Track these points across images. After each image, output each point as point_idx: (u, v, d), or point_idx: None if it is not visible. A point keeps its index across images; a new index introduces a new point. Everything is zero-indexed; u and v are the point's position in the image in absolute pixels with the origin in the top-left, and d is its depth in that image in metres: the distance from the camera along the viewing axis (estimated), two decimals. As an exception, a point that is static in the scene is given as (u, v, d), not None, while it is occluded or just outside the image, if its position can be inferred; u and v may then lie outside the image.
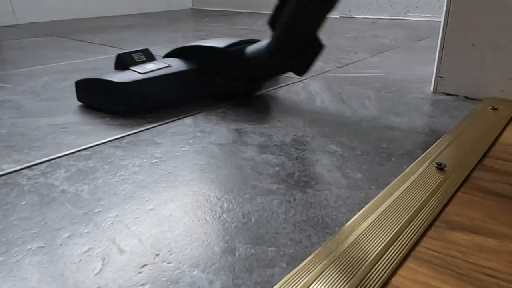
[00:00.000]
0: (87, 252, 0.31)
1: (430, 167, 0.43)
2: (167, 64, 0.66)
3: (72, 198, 0.39)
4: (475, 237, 0.32)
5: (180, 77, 0.65)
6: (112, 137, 0.54)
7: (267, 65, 0.64)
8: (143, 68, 0.64)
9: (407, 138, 0.52)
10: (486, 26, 0.64)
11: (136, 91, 0.61)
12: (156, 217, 0.36)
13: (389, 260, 0.29)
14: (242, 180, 0.42)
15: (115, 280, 0.28)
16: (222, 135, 0.54)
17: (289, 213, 0.36)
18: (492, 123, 0.55)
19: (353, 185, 0.41)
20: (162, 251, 0.31)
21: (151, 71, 0.63)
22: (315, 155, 0.48)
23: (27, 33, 1.53)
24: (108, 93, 0.63)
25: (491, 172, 0.43)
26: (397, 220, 0.34)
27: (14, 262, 0.30)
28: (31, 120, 0.61)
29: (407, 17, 1.85)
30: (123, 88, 0.60)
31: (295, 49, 0.61)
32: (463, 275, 0.28)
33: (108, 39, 1.38)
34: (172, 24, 1.77)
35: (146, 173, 0.44)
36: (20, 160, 0.47)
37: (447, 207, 0.36)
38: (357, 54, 1.06)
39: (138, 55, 0.66)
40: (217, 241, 0.32)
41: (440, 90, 0.71)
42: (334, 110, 0.63)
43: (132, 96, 0.61)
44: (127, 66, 0.64)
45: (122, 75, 0.62)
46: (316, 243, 0.32)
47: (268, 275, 0.29)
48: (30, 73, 0.91)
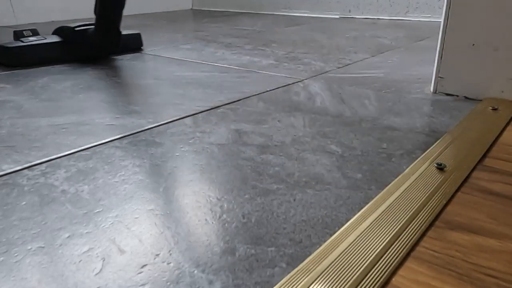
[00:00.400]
0: (87, 252, 0.31)
1: (430, 167, 0.43)
2: (43, 38, 1.03)
3: (72, 198, 0.39)
4: (475, 237, 0.32)
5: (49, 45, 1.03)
6: (112, 137, 0.54)
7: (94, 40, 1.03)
8: (27, 40, 1.01)
9: (407, 138, 0.52)
10: (486, 26, 0.64)
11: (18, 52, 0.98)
12: (156, 217, 0.36)
13: (389, 260, 0.29)
14: (242, 180, 0.42)
15: (115, 280, 0.28)
16: (222, 135, 0.54)
17: (289, 213, 0.36)
18: (492, 123, 0.55)
19: (353, 185, 0.41)
20: (162, 251, 0.31)
21: (31, 41, 1.00)
22: (315, 155, 0.48)
23: (27, 34, 1.53)
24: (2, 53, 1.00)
25: (491, 172, 0.43)
26: (397, 220, 0.34)
27: (14, 262, 0.30)
28: (31, 120, 0.61)
29: (407, 17, 1.85)
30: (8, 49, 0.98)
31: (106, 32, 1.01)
32: (463, 275, 0.28)
33: (108, 39, 1.37)
34: (172, 25, 1.77)
35: (146, 174, 0.44)
36: (20, 160, 0.48)
37: (447, 207, 0.36)
38: (357, 54, 1.06)
39: (27, 31, 1.04)
40: (217, 241, 0.32)
41: (440, 90, 0.71)
42: (334, 110, 0.63)
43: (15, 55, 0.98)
44: (18, 39, 1.01)
45: (12, 43, 1.00)
46: (316, 243, 0.32)
47: (268, 275, 0.29)
48: (30, 73, 0.91)
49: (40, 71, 0.94)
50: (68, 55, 1.05)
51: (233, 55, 1.08)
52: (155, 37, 1.42)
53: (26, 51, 0.99)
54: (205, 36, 1.42)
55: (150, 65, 0.98)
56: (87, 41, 1.03)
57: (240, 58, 1.04)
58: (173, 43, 1.28)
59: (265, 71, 0.89)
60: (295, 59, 1.01)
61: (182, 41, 1.32)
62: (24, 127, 0.58)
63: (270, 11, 2.29)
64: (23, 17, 1.83)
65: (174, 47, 1.21)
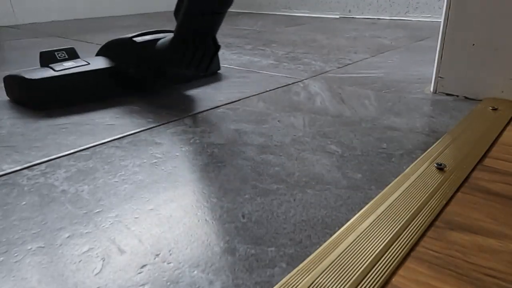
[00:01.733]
0: (87, 252, 0.31)
1: (430, 167, 0.43)
2: (86, 62, 0.70)
3: (72, 198, 0.39)
4: (475, 237, 0.32)
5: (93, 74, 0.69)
6: (112, 137, 0.54)
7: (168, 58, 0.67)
8: (60, 65, 0.68)
9: (407, 138, 0.52)
10: (486, 26, 0.64)
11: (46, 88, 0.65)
12: (156, 217, 0.36)
13: (389, 260, 0.29)
14: (242, 180, 0.42)
15: (115, 280, 0.28)
16: (222, 135, 0.54)
17: (289, 213, 0.36)
18: (492, 123, 0.55)
19: (353, 185, 0.41)
20: (162, 251, 0.31)
21: (66, 69, 0.67)
22: (315, 155, 0.48)
23: (27, 33, 1.53)
24: (23, 88, 0.66)
25: (491, 172, 0.43)
26: (397, 220, 0.34)
27: (14, 262, 0.30)
28: (31, 120, 0.61)
29: (407, 17, 1.85)
30: (32, 84, 0.64)
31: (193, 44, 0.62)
32: (463, 275, 0.28)
33: (108, 39, 1.37)
34: (172, 25, 1.77)
35: (146, 173, 0.44)
36: (20, 160, 0.47)
37: (447, 207, 0.36)
38: (357, 55, 1.06)
39: (60, 53, 0.71)
40: (217, 241, 0.32)
41: (440, 90, 0.71)
42: (334, 110, 0.63)
43: (41, 92, 0.65)
44: (48, 64, 0.69)
45: (37, 72, 0.66)
46: (316, 243, 0.32)
47: (268, 275, 0.29)
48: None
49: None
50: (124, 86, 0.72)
51: (233, 55, 1.08)
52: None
53: (59, 85, 0.65)
54: (205, 36, 1.41)
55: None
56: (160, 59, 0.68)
57: (240, 58, 1.04)
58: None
59: (265, 71, 0.89)
60: (295, 59, 1.01)
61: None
62: (24, 127, 0.58)
63: (270, 11, 2.29)
64: (23, 17, 1.83)
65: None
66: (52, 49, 0.71)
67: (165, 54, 0.67)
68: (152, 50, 0.69)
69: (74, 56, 0.72)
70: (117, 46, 0.74)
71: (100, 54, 0.76)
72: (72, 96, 0.67)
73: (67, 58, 0.71)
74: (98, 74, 0.69)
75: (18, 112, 0.64)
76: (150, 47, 0.70)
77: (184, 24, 0.61)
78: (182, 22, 0.61)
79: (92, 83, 0.69)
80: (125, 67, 0.71)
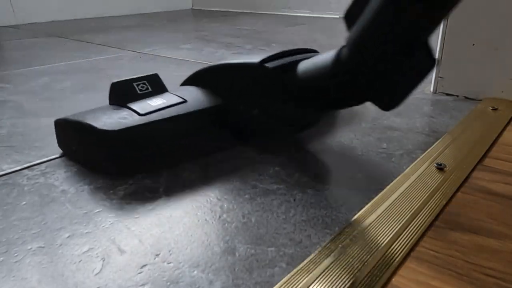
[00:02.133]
0: (87, 252, 0.31)
1: (430, 167, 0.43)
2: (181, 99, 0.46)
3: (72, 198, 0.39)
4: (475, 237, 0.32)
5: (198, 119, 0.45)
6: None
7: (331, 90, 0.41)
8: (145, 105, 0.44)
9: (407, 138, 0.52)
10: (486, 26, 0.64)
11: (128, 142, 0.42)
12: (156, 217, 0.36)
13: (389, 260, 0.29)
14: (242, 180, 0.42)
15: (115, 280, 0.28)
16: (222, 135, 0.54)
17: (289, 213, 0.36)
18: (492, 123, 0.55)
19: (353, 185, 0.41)
20: (162, 251, 0.31)
21: (156, 110, 0.43)
22: (315, 155, 0.48)
23: (27, 33, 1.53)
24: (89, 142, 0.43)
25: (491, 172, 0.43)
26: (397, 220, 0.34)
27: (14, 262, 0.30)
28: (31, 120, 0.61)
29: (407, 17, 1.85)
30: (109, 137, 0.41)
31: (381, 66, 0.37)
32: (463, 275, 0.28)
33: (108, 39, 1.38)
34: (172, 25, 1.77)
35: (145, 173, 0.44)
36: (20, 160, 0.48)
37: (447, 207, 0.36)
38: (357, 54, 1.06)
39: (141, 84, 0.47)
40: (217, 241, 0.32)
41: (440, 90, 0.71)
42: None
43: (121, 149, 0.42)
44: (125, 101, 0.45)
45: (112, 116, 0.42)
46: (316, 243, 0.32)
47: (268, 275, 0.29)
48: (30, 73, 0.91)
49: (40, 71, 0.90)
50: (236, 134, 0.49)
51: (233, 55, 1.08)
52: (155, 36, 1.42)
53: (149, 136, 0.42)
54: (205, 36, 1.42)
55: (146, 65, 0.98)
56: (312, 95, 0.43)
57: (240, 58, 1.04)
58: (174, 43, 1.28)
59: (265, 71, 0.89)
60: (295, 59, 1.01)
61: (182, 41, 1.32)
62: (24, 127, 0.58)
63: (270, 11, 2.29)
64: (23, 17, 1.83)
65: (174, 47, 1.21)
66: (128, 78, 0.46)
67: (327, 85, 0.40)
68: (296, 80, 0.43)
69: (159, 88, 0.48)
70: (232, 73, 0.49)
71: (193, 83, 0.51)
72: (167, 154, 0.44)
73: (150, 92, 0.47)
74: (202, 117, 0.45)
75: (18, 112, 0.64)
76: (293, 75, 0.43)
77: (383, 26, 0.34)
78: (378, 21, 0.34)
79: (193, 132, 0.45)
80: (244, 107, 0.47)
